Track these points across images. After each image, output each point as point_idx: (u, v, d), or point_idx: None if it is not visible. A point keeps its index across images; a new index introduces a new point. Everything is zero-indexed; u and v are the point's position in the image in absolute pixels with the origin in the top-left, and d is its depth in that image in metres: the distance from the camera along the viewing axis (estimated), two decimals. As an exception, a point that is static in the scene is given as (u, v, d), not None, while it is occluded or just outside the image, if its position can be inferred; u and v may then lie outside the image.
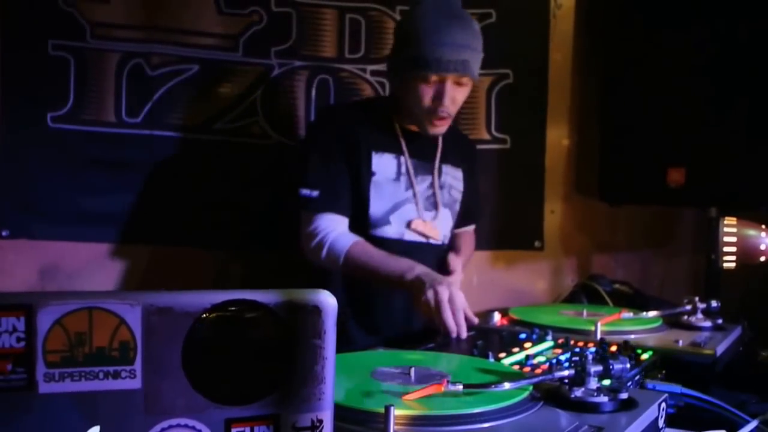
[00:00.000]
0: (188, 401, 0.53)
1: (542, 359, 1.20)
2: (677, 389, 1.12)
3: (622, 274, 2.37)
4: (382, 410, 0.80)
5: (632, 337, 1.41)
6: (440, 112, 1.65)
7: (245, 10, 2.19)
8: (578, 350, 1.26)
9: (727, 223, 2.03)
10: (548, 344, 1.32)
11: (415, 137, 1.78)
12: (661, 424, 0.99)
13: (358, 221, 1.72)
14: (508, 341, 1.34)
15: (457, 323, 1.39)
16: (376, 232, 1.73)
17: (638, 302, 1.82)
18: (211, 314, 0.52)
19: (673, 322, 1.55)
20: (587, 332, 1.41)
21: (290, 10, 2.21)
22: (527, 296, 1.91)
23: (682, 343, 1.35)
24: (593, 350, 1.15)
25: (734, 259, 1.97)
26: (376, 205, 1.72)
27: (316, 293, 0.56)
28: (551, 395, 0.96)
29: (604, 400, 0.93)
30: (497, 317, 1.53)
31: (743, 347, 1.55)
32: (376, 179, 1.72)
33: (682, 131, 2.08)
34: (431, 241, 1.80)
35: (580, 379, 0.96)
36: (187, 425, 0.53)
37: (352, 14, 2.24)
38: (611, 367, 1.03)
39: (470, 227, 2.03)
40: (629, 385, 1.09)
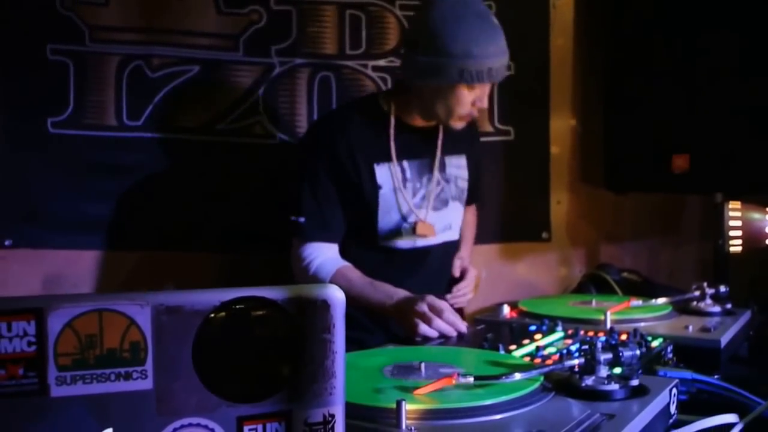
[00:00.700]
0: (200, 400, 0.53)
1: (552, 350, 1.20)
2: (688, 375, 1.12)
3: (630, 262, 2.36)
4: (393, 406, 0.80)
5: (642, 324, 1.41)
6: (475, 112, 1.68)
7: (245, 9, 2.18)
8: (588, 339, 1.26)
9: (732, 207, 2.03)
10: (558, 335, 1.32)
11: (417, 135, 1.74)
12: (672, 410, 0.99)
13: (366, 235, 1.71)
14: (518, 333, 1.34)
15: (449, 324, 1.38)
16: (386, 243, 1.71)
17: (647, 290, 1.82)
18: (220, 312, 0.52)
19: (682, 308, 1.55)
20: (597, 322, 1.41)
21: (290, 7, 2.20)
22: (536, 288, 1.91)
23: (691, 329, 1.35)
24: (603, 339, 1.15)
25: (740, 243, 1.97)
26: (384, 218, 1.70)
27: (324, 288, 0.56)
28: (562, 385, 0.96)
29: (615, 387, 0.93)
30: (506, 310, 1.53)
31: (753, 331, 1.55)
32: (383, 192, 1.69)
33: (685, 117, 2.07)
34: (445, 240, 1.77)
35: (590, 367, 0.97)
36: (199, 424, 0.53)
37: (352, 10, 2.23)
38: (621, 354, 1.03)
39: (471, 207, 2.00)
40: (639, 372, 1.09)
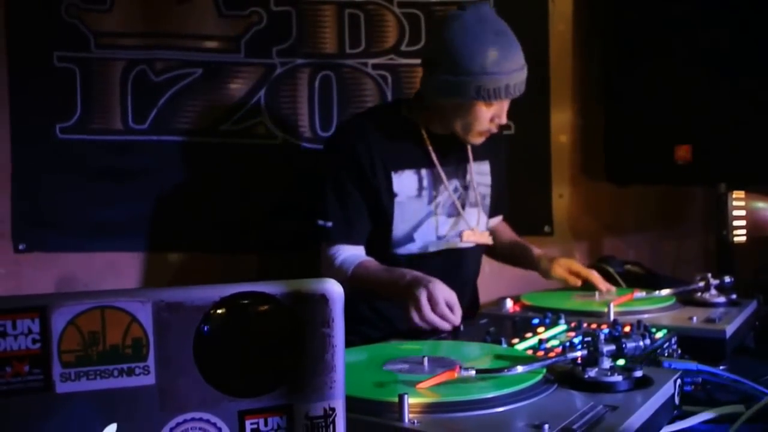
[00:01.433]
0: (202, 395, 0.54)
1: (555, 343, 1.20)
2: (693, 366, 1.11)
3: (633, 255, 2.36)
4: (396, 399, 0.81)
5: (646, 316, 1.40)
6: (494, 128, 1.67)
7: (245, 11, 2.20)
8: (591, 331, 1.26)
9: (735, 197, 2.02)
10: (561, 328, 1.32)
11: (443, 142, 1.73)
12: (677, 401, 0.99)
13: (380, 242, 1.71)
14: (521, 327, 1.34)
15: (442, 318, 1.37)
16: (399, 250, 1.71)
17: (651, 282, 1.81)
18: (220, 307, 0.53)
19: (686, 299, 1.54)
20: (600, 314, 1.41)
21: (289, 8, 2.22)
22: (539, 282, 1.90)
23: (696, 320, 1.35)
24: (606, 331, 1.14)
25: (745, 232, 1.97)
26: (399, 226, 1.70)
27: (322, 282, 0.56)
28: (565, 377, 0.96)
29: (618, 379, 0.93)
30: (509, 304, 1.53)
31: (759, 321, 1.55)
32: (399, 200, 1.69)
33: (686, 108, 2.07)
34: (460, 245, 1.76)
35: (593, 359, 0.96)
36: (201, 419, 0.54)
37: (350, 9, 2.25)
38: (624, 346, 1.03)
39: (499, 218, 2.00)
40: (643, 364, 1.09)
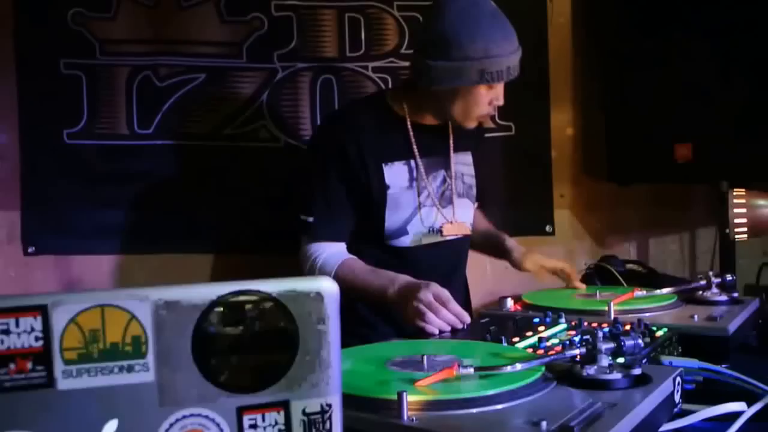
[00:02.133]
0: (200, 391, 0.55)
1: (555, 341, 1.21)
2: (694, 364, 1.11)
3: (635, 254, 2.36)
4: (395, 397, 0.82)
5: (647, 315, 1.40)
6: (492, 111, 1.70)
7: (246, 16, 2.22)
8: (589, 329, 1.26)
9: (736, 194, 2.02)
10: (562, 327, 1.32)
11: (427, 133, 1.74)
12: (677, 399, 0.99)
13: (373, 234, 1.71)
14: (521, 326, 1.34)
15: (445, 322, 1.38)
16: (392, 242, 1.72)
17: (652, 281, 1.81)
18: (217, 305, 0.55)
19: (688, 298, 1.54)
20: (601, 313, 1.40)
21: (290, 13, 2.24)
22: (540, 282, 1.91)
23: (698, 318, 1.34)
24: (606, 330, 1.15)
25: (746, 230, 1.96)
26: (392, 218, 1.70)
27: (317, 280, 0.57)
28: (564, 375, 0.96)
29: (617, 376, 0.93)
30: (510, 303, 1.53)
31: (762, 320, 1.54)
32: (391, 192, 1.70)
33: (686, 106, 2.07)
34: (449, 237, 1.77)
35: (591, 357, 0.97)
36: (200, 414, 0.55)
37: (351, 13, 2.26)
38: (623, 343, 1.03)
39: (474, 205, 1.98)
40: (643, 362, 1.09)
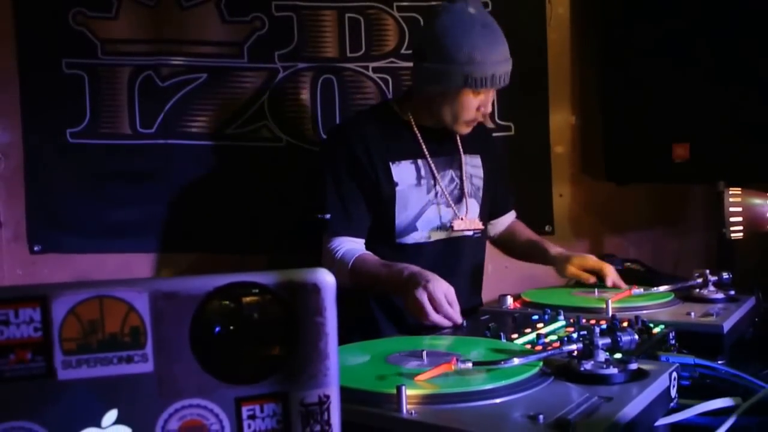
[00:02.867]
0: (199, 382, 0.56)
1: (554, 338, 1.21)
2: (690, 360, 1.12)
3: (633, 253, 2.37)
4: (394, 391, 0.83)
5: (644, 312, 1.41)
6: (479, 117, 1.72)
7: (247, 17, 2.23)
8: (586, 325, 1.27)
9: (732, 193, 2.03)
10: (560, 324, 1.33)
11: (433, 135, 1.78)
12: (673, 394, 0.99)
13: (384, 232, 1.74)
14: (520, 323, 1.35)
15: (445, 316, 1.39)
16: (402, 240, 1.74)
17: (650, 280, 1.81)
18: (214, 297, 0.55)
19: (685, 296, 1.55)
20: (599, 310, 1.41)
21: (291, 14, 2.25)
22: (540, 281, 1.92)
23: (694, 315, 1.36)
24: (604, 326, 1.15)
25: (742, 229, 1.97)
26: (401, 215, 1.74)
27: (314, 272, 0.58)
28: (561, 370, 0.97)
29: (613, 371, 0.94)
30: (510, 300, 1.54)
31: (758, 318, 1.55)
32: (399, 189, 1.73)
33: (684, 106, 2.08)
34: (459, 234, 1.79)
35: (588, 352, 0.98)
36: (199, 405, 0.56)
37: (351, 14, 2.27)
38: (619, 339, 1.04)
39: (512, 214, 2.03)
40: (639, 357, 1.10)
